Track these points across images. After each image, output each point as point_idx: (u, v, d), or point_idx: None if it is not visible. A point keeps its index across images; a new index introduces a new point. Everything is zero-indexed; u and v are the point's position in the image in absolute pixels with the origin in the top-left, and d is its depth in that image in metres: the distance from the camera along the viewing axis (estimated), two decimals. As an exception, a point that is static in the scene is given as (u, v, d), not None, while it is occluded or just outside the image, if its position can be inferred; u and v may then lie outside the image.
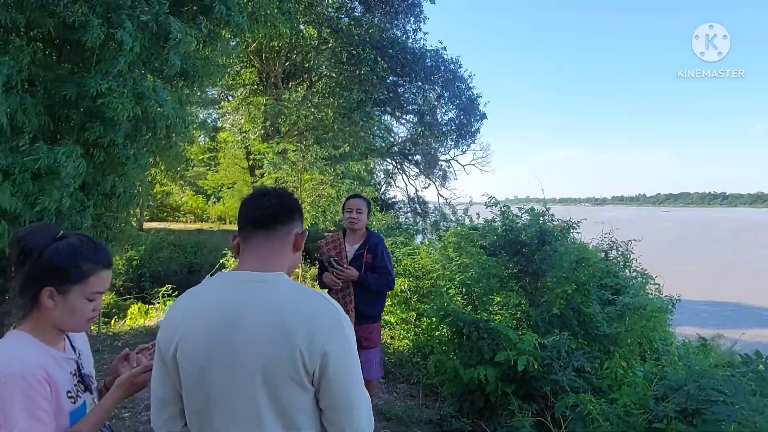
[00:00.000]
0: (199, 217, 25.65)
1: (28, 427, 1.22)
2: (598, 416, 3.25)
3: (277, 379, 1.15)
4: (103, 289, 1.42)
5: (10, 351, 1.29)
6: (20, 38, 4.77)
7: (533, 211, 5.46)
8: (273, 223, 1.30)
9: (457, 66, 14.87)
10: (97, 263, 1.39)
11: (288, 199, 1.36)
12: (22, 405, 1.22)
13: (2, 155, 4.52)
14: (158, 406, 1.31)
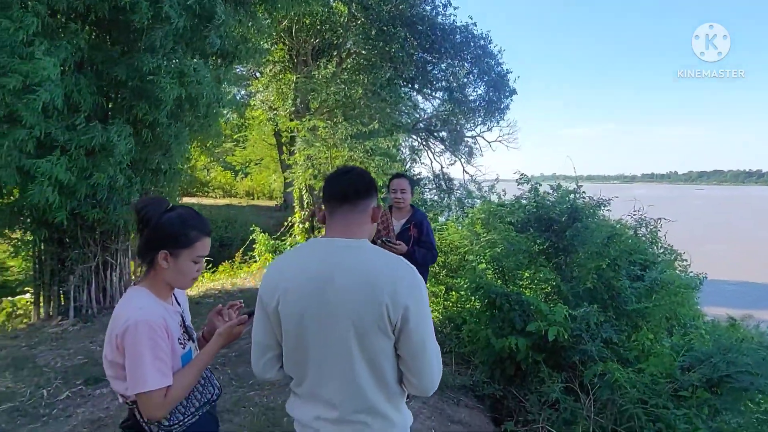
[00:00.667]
0: (227, 193, 26.16)
1: (152, 365, 1.48)
2: (625, 383, 3.42)
3: (365, 328, 1.36)
4: (206, 253, 1.67)
5: (137, 302, 1.55)
6: (75, 23, 5.03)
7: (561, 188, 5.55)
8: (355, 198, 1.50)
9: (487, 41, 14.69)
10: (202, 231, 1.65)
11: (367, 177, 1.56)
12: (148, 346, 1.48)
13: (60, 132, 4.84)
14: (259, 351, 1.55)
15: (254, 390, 4.03)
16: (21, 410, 3.74)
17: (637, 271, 4.90)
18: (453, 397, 4.17)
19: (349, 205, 1.50)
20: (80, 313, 6.10)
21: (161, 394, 1.49)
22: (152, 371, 1.47)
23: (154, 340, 1.49)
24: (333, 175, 1.58)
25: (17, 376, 4.35)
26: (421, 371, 1.42)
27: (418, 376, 1.43)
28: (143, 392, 1.47)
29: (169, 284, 1.64)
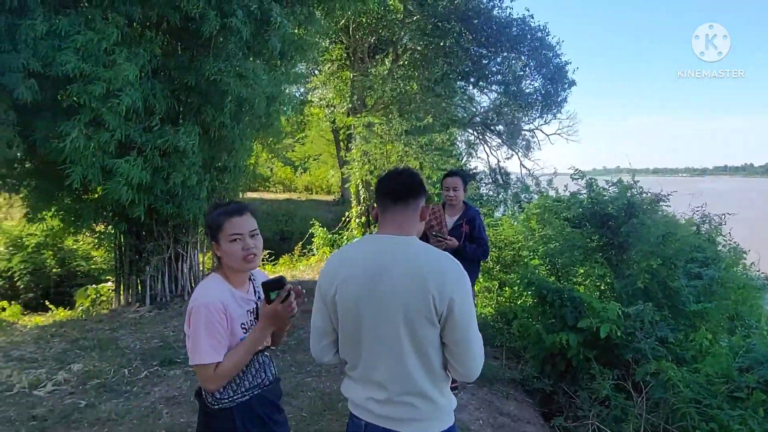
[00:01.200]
0: (287, 188, 26.98)
1: (205, 342, 1.68)
2: (679, 383, 3.37)
3: (414, 317, 1.50)
4: (239, 231, 1.75)
5: (202, 288, 1.78)
6: (150, 31, 5.46)
7: (621, 183, 5.43)
8: (407, 197, 1.63)
9: (544, 33, 14.39)
10: (226, 213, 1.76)
11: (417, 178, 1.69)
12: (203, 325, 1.68)
13: (137, 135, 5.28)
14: (316, 337, 1.73)
15: (312, 376, 4.27)
16: (107, 386, 4.16)
17: (696, 269, 4.73)
18: (503, 391, 4.23)
19: (402, 204, 1.63)
20: (155, 301, 6.63)
21: (212, 368, 1.67)
22: (205, 347, 1.67)
23: (210, 321, 1.68)
24: (386, 175, 1.72)
25: (102, 356, 4.83)
26: (464, 359, 1.55)
27: (462, 363, 1.55)
28: (197, 364, 1.67)
29: (233, 269, 1.79)
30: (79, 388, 4.13)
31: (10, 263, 9.22)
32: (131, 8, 4.88)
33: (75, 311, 7.46)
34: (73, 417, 3.61)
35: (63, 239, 9.30)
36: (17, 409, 3.74)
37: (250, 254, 1.76)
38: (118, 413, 3.65)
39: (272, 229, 16.09)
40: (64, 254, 9.87)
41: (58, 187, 5.58)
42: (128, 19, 5.03)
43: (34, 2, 4.34)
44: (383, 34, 14.12)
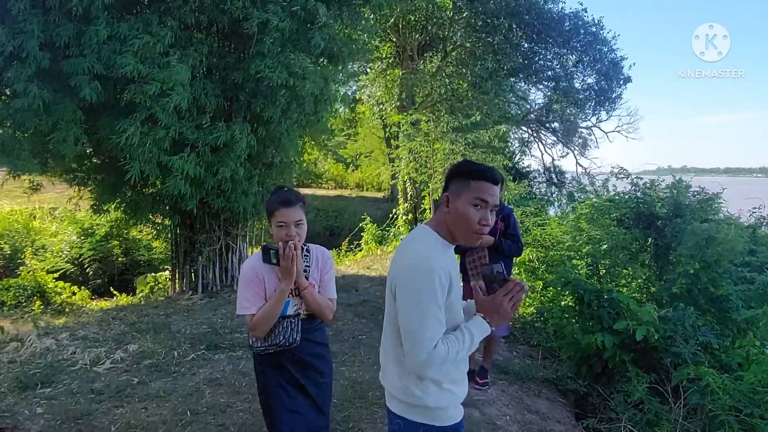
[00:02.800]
0: (339, 184, 27.42)
1: (242, 297, 2.16)
2: (718, 389, 3.25)
3: (390, 293, 1.67)
4: (286, 220, 2.13)
5: (249, 258, 2.29)
6: (201, 33, 5.77)
7: (680, 182, 5.21)
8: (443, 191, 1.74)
9: (599, 28, 13.86)
10: (278, 203, 2.16)
11: (449, 170, 1.75)
12: (242, 285, 2.17)
13: (190, 132, 5.59)
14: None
15: (345, 365, 4.41)
16: (157, 366, 4.48)
17: (746, 274, 4.47)
18: (534, 389, 4.21)
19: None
20: (207, 289, 7.00)
21: (250, 318, 2.14)
22: (242, 301, 2.16)
23: (246, 283, 2.16)
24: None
25: (156, 339, 5.18)
26: (405, 347, 1.59)
27: (405, 351, 1.59)
28: (239, 314, 2.16)
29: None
30: (134, 367, 4.46)
31: (81, 251, 9.95)
32: (184, 13, 5.18)
33: (135, 297, 8.00)
34: (126, 392, 3.92)
35: (128, 230, 9.96)
36: (79, 383, 4.10)
37: (291, 239, 2.13)
38: (165, 391, 3.93)
39: (322, 225, 16.45)
40: (128, 244, 10.55)
41: (121, 181, 5.99)
42: (181, 23, 5.35)
43: (97, 10, 4.70)
44: (432, 31, 14.12)
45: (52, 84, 4.96)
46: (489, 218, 1.63)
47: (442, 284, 1.57)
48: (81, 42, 4.80)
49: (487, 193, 1.61)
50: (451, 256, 1.74)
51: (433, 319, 1.55)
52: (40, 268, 8.81)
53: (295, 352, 2.21)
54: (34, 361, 4.59)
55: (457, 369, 1.73)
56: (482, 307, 1.68)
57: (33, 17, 4.70)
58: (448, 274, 1.60)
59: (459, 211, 1.62)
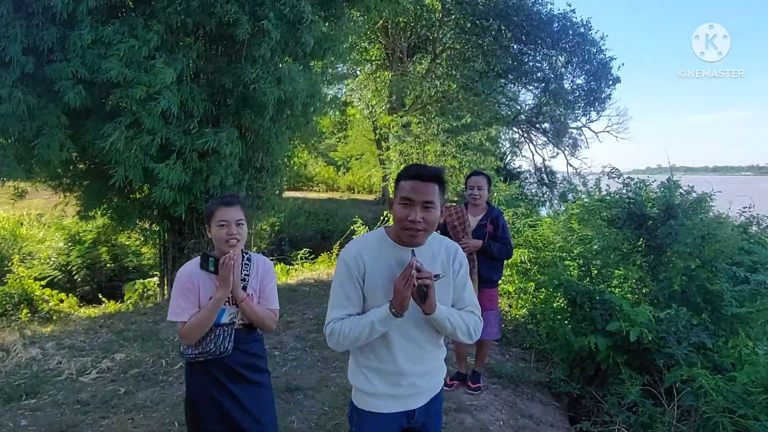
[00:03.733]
0: (330, 187, 27.33)
1: (174, 304, 2.16)
2: (712, 391, 3.23)
3: None
4: (227, 219, 2.17)
5: (185, 265, 2.25)
6: (189, 37, 5.70)
7: (674, 182, 5.21)
8: None
9: (587, 29, 13.92)
10: (219, 203, 2.21)
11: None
12: (175, 292, 2.17)
13: (177, 137, 5.51)
14: None
15: (336, 371, 4.36)
16: (145, 376, 4.40)
17: (742, 274, 4.47)
18: (528, 392, 4.18)
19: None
20: (196, 296, 6.91)
21: (181, 326, 2.14)
22: (174, 308, 2.16)
23: (179, 289, 2.16)
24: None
25: (143, 347, 5.09)
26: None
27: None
28: (169, 320, 2.17)
29: (220, 250, 2.19)
30: (120, 376, 4.38)
31: (69, 258, 9.81)
32: (170, 16, 5.11)
33: (124, 304, 7.90)
34: (112, 402, 3.84)
35: (116, 236, 9.84)
36: (65, 393, 4.02)
37: (232, 238, 2.17)
38: (152, 401, 3.86)
39: (313, 228, 16.32)
40: (117, 250, 10.42)
41: (107, 187, 5.90)
42: (168, 27, 5.27)
43: (81, 14, 4.62)
44: (421, 33, 14.13)
45: (36, 89, 4.87)
46: (417, 215, 1.68)
47: (350, 272, 1.75)
48: (65, 46, 4.72)
49: (413, 191, 1.69)
50: (390, 253, 1.79)
51: (335, 300, 1.79)
52: (27, 276, 8.67)
53: (225, 361, 2.21)
54: (20, 372, 4.50)
55: (378, 358, 1.81)
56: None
57: (16, 21, 4.61)
58: (362, 264, 1.75)
59: (394, 211, 1.74)
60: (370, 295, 1.77)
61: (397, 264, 1.76)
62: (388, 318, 1.69)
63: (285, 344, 5.10)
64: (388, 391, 1.82)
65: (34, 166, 6.01)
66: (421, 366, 1.85)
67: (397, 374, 1.81)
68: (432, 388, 1.92)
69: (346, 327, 1.73)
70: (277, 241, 15.08)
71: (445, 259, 1.86)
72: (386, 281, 1.75)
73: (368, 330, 1.71)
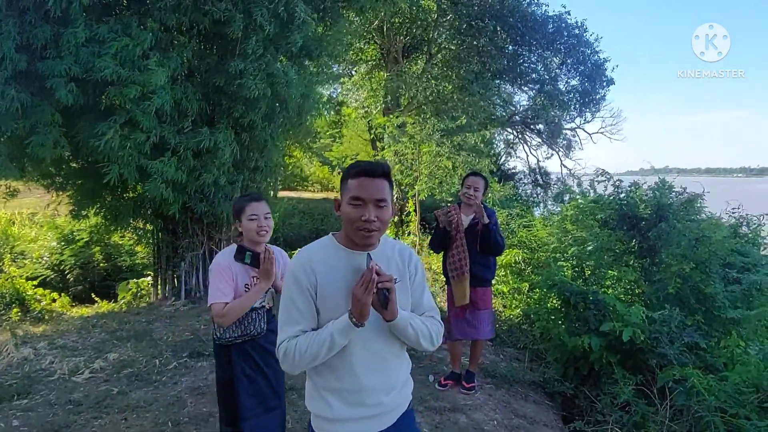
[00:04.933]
0: (324, 187, 27.30)
1: (215, 288, 2.37)
2: (704, 390, 3.26)
3: None
4: (257, 212, 2.42)
5: (221, 253, 2.48)
6: (183, 36, 5.67)
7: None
8: None
9: (582, 30, 14.00)
10: (248, 200, 2.47)
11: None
12: (215, 279, 2.37)
13: (171, 136, 5.49)
14: None
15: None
16: (138, 375, 4.38)
17: (734, 274, 4.51)
18: (521, 392, 4.20)
19: None
20: (190, 295, 6.89)
21: (222, 306, 2.34)
22: (215, 291, 2.37)
23: (220, 275, 2.37)
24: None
25: (137, 346, 5.07)
26: None
27: None
28: (214, 302, 2.35)
29: (251, 241, 2.44)
30: (113, 376, 4.36)
31: (62, 257, 9.74)
32: (165, 15, 5.09)
33: (117, 304, 7.85)
34: (105, 403, 3.82)
35: (109, 235, 9.78)
36: (57, 393, 4.00)
37: (262, 230, 2.42)
38: (146, 401, 3.84)
39: (308, 228, 16.27)
40: (110, 249, 10.35)
41: (101, 186, 5.87)
42: (162, 25, 5.25)
43: (76, 12, 4.59)
44: (417, 33, 14.13)
45: (30, 87, 4.84)
46: (371, 214, 1.58)
47: (300, 284, 1.61)
48: (58, 44, 4.69)
49: (363, 189, 1.58)
50: (343, 259, 1.66)
51: (285, 317, 1.64)
52: (19, 275, 8.60)
53: (259, 340, 2.49)
54: (11, 372, 4.47)
55: (336, 376, 1.63)
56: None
57: (9, 18, 4.58)
58: (312, 275, 1.61)
59: (343, 212, 1.63)
60: (324, 308, 1.62)
61: (352, 270, 1.63)
62: (348, 328, 1.55)
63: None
64: (351, 414, 1.64)
65: (27, 164, 5.96)
66: (385, 380, 1.68)
67: (360, 392, 1.64)
68: (400, 405, 1.75)
69: (302, 344, 1.56)
70: (272, 241, 14.95)
71: (400, 261, 1.75)
72: (341, 290, 1.62)
73: (327, 344, 1.56)
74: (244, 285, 2.41)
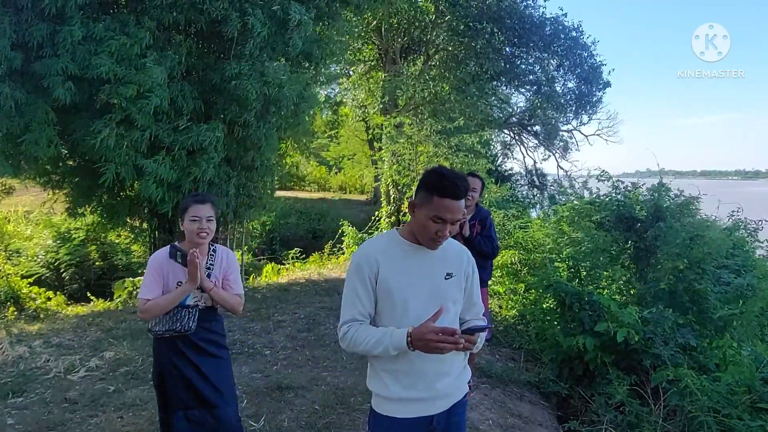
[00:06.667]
0: (321, 187, 27.31)
1: (144, 285, 2.44)
2: (697, 390, 3.28)
3: None
4: (199, 215, 2.43)
5: (160, 250, 2.53)
6: (180, 35, 5.66)
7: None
8: None
9: (579, 33, 14.03)
10: (192, 201, 2.48)
11: (423, 175, 1.82)
12: (144, 277, 2.45)
13: (166, 135, 5.46)
14: None
15: (327, 371, 4.37)
16: (134, 374, 4.38)
17: (729, 276, 4.54)
18: (517, 392, 4.22)
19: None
20: (185, 293, 6.85)
21: (143, 303, 2.40)
22: (142, 287, 2.45)
23: (150, 271, 2.44)
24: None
25: (133, 345, 5.06)
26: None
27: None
28: (140, 297, 2.44)
29: (191, 242, 2.46)
30: (109, 375, 4.35)
31: (57, 255, 9.71)
32: (161, 13, 5.08)
33: (113, 303, 7.83)
34: (101, 401, 3.82)
35: (106, 234, 9.75)
36: (52, 392, 3.99)
37: (203, 232, 2.44)
38: (142, 399, 3.84)
39: (305, 227, 16.28)
40: (106, 248, 10.33)
41: (97, 184, 5.83)
42: (159, 24, 5.24)
43: (72, 9, 4.58)
44: (415, 34, 14.14)
45: (25, 85, 4.81)
46: (447, 232, 1.71)
47: (361, 273, 1.74)
48: (55, 42, 4.67)
49: (447, 212, 1.68)
50: (407, 251, 1.79)
51: (347, 301, 1.78)
52: (14, 273, 8.57)
53: (190, 337, 2.50)
54: (6, 370, 4.46)
55: (393, 357, 1.72)
56: (417, 328, 1.65)
57: (4, 16, 4.56)
58: (375, 266, 1.74)
59: (420, 220, 1.73)
60: (383, 296, 1.75)
61: (415, 263, 1.78)
62: (403, 348, 1.65)
63: (276, 343, 5.10)
64: (403, 395, 1.75)
65: (22, 162, 5.94)
66: (439, 365, 1.76)
67: (413, 375, 1.74)
68: (453, 392, 1.83)
69: (358, 337, 1.70)
70: (268, 240, 15.02)
71: (460, 260, 1.88)
72: (403, 278, 1.75)
73: (381, 351, 1.67)
74: (177, 282, 2.46)
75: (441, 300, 1.76)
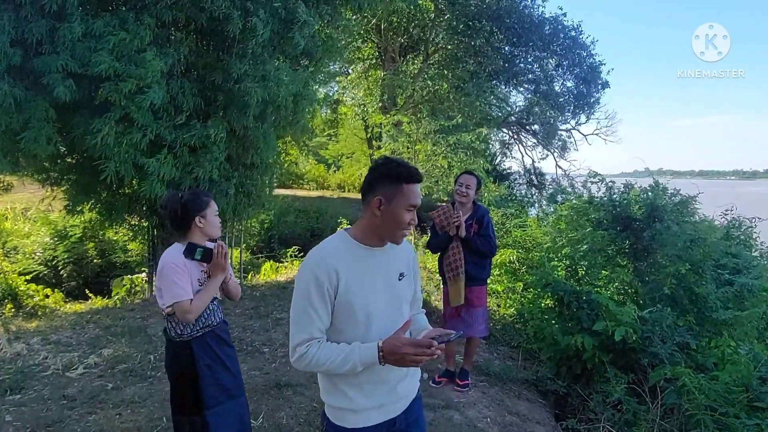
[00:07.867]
0: (320, 185, 27.28)
1: (177, 286, 2.33)
2: (694, 389, 3.30)
3: None
4: (217, 210, 2.54)
5: (171, 252, 2.43)
6: (180, 32, 5.65)
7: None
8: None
9: (578, 32, 14.06)
10: (208, 198, 2.53)
11: (375, 170, 1.73)
12: (173, 280, 2.33)
13: (167, 132, 5.46)
14: None
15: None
16: (133, 371, 4.38)
17: (726, 276, 4.56)
18: (515, 390, 4.23)
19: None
20: (184, 292, 6.85)
21: (187, 303, 2.33)
22: (177, 289, 2.32)
23: (178, 273, 2.35)
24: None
25: (131, 342, 5.07)
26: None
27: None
28: (176, 301, 2.31)
29: (210, 236, 2.52)
30: (108, 372, 4.36)
31: (55, 253, 9.69)
32: (161, 10, 5.07)
33: (111, 300, 7.83)
34: (99, 398, 3.82)
35: (104, 231, 9.73)
36: (50, 389, 3.99)
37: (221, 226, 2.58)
38: (140, 396, 3.84)
39: (303, 226, 16.23)
40: (104, 246, 10.29)
41: (96, 182, 5.83)
42: (159, 21, 5.23)
43: (72, 6, 4.57)
44: (414, 33, 14.15)
45: (24, 81, 4.80)
46: (416, 218, 1.70)
47: (320, 286, 1.60)
48: (54, 39, 4.66)
49: (417, 197, 1.67)
50: (359, 260, 1.69)
51: (302, 318, 1.62)
52: (11, 270, 8.55)
53: (215, 330, 2.53)
54: (4, 367, 4.45)
55: (361, 375, 1.66)
56: (388, 342, 1.60)
57: (3, 13, 4.54)
58: (335, 277, 1.61)
59: (391, 215, 1.65)
60: (343, 310, 1.65)
61: (375, 268, 1.70)
62: (374, 363, 1.60)
63: (274, 341, 5.10)
64: (367, 404, 1.71)
65: (21, 159, 5.92)
66: (399, 371, 1.74)
67: (377, 383, 1.71)
68: (411, 392, 1.85)
69: (321, 357, 1.60)
70: (266, 238, 14.99)
71: (408, 257, 1.86)
72: (363, 288, 1.66)
73: (348, 368, 1.60)
74: (197, 280, 2.47)
75: (398, 303, 1.76)
